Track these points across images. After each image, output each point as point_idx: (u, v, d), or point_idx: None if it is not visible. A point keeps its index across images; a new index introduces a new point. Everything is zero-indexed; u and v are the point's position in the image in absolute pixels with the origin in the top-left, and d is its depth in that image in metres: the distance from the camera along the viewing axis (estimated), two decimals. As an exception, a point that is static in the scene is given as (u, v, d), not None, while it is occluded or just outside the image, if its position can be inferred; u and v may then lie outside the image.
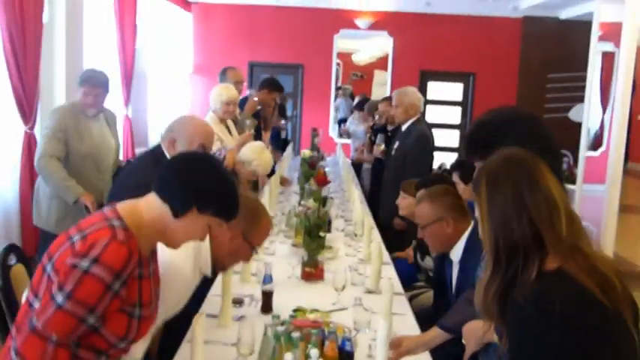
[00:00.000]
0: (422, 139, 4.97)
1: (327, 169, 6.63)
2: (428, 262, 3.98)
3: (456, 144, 11.81)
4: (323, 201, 3.31)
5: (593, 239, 8.31)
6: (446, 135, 11.47)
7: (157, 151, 3.08)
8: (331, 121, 12.11)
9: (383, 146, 5.69)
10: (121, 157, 8.03)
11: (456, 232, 2.95)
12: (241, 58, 11.75)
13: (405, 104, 5.05)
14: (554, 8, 11.32)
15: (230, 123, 5.10)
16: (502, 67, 11.83)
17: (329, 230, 4.00)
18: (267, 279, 2.81)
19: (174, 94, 10.98)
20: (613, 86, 11.67)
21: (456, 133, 12.04)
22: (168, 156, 2.98)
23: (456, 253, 2.96)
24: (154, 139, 10.16)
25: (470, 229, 2.94)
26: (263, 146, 4.57)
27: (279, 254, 3.71)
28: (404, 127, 5.13)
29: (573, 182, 10.77)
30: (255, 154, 4.28)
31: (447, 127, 11.82)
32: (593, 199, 7.96)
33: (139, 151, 8.92)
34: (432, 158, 5.23)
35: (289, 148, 8.00)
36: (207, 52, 11.82)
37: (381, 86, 12.49)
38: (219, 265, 2.39)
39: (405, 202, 4.04)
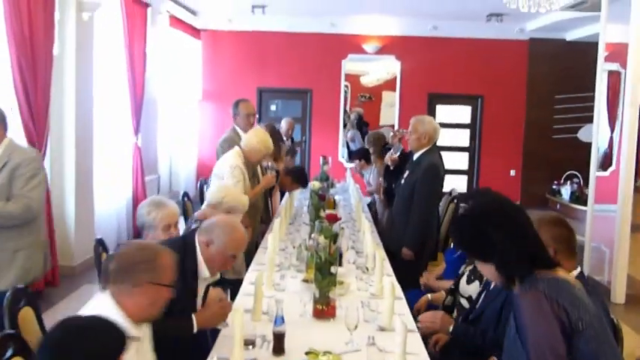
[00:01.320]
0: (431, 169, 4.89)
1: (336, 197, 6.62)
2: (470, 288, 3.76)
3: (465, 167, 11.76)
4: (334, 238, 3.23)
5: (606, 261, 8.22)
6: (455, 158, 11.42)
7: (189, 241, 3.05)
8: (340, 145, 12.08)
9: (396, 155, 5.58)
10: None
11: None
12: (250, 84, 11.82)
13: (419, 132, 4.99)
14: (560, 30, 11.34)
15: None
16: (510, 89, 11.83)
17: (340, 264, 3.92)
18: (279, 320, 2.74)
19: (183, 121, 10.99)
20: (620, 105, 11.69)
21: (465, 155, 11.98)
22: (199, 251, 3.02)
23: None
24: (163, 167, 10.17)
25: (576, 273, 2.72)
26: (226, 183, 4.55)
27: (290, 290, 3.64)
28: (415, 156, 5.07)
29: (583, 203, 10.73)
30: (222, 192, 4.23)
31: (456, 149, 11.76)
32: (604, 219, 7.85)
33: (149, 179, 8.92)
34: (441, 189, 5.16)
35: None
36: (216, 78, 11.86)
37: (390, 107, 12.49)
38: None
39: None
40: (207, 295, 3.12)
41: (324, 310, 3.19)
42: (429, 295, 4.03)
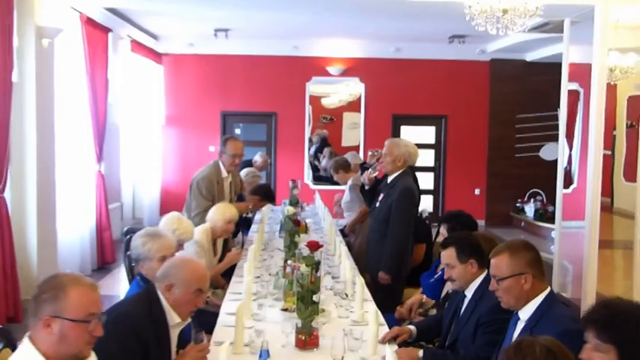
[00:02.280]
0: (406, 193, 4.86)
1: (307, 221, 6.53)
2: None
3: (430, 186, 11.80)
4: (316, 266, 3.16)
5: (570, 277, 8.31)
6: (421, 178, 11.37)
7: (152, 292, 2.90)
8: (306, 168, 12.03)
9: (374, 175, 5.51)
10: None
11: (533, 291, 2.82)
12: (213, 107, 11.74)
13: (393, 155, 4.97)
14: (520, 51, 11.55)
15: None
16: (473, 109, 11.97)
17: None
18: (264, 354, 2.65)
19: (146, 147, 10.81)
20: (577, 123, 11.94)
21: (430, 175, 12.03)
22: (163, 300, 2.85)
23: (526, 312, 2.83)
24: (126, 195, 9.96)
25: (547, 292, 2.85)
26: (176, 215, 4.40)
27: (270, 319, 3.53)
28: (390, 179, 5.04)
29: (547, 220, 10.87)
30: (174, 224, 4.14)
31: (422, 169, 11.78)
32: (569, 236, 7.93)
33: (112, 207, 8.71)
34: (415, 212, 5.14)
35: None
36: (179, 103, 11.75)
37: (351, 129, 12.51)
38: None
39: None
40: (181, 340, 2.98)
41: (307, 340, 3.10)
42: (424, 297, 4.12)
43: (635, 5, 7.66)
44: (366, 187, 5.44)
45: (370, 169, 5.27)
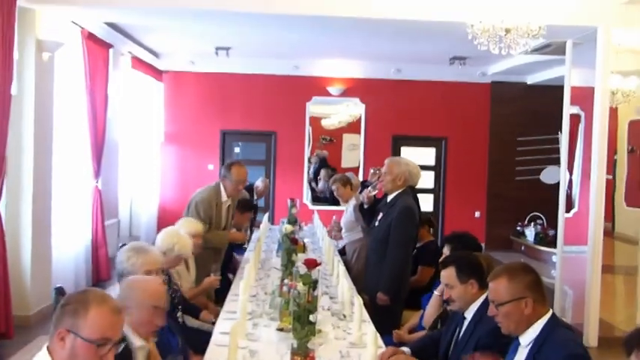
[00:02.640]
0: (406, 212, 4.78)
1: (306, 240, 6.44)
2: None
3: (430, 208, 11.71)
4: (313, 284, 3.07)
5: (570, 302, 8.19)
6: (420, 199, 11.30)
7: None
8: (305, 188, 11.96)
9: (373, 194, 5.41)
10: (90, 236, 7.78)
11: (534, 315, 2.71)
12: (213, 126, 11.69)
13: (393, 174, 4.90)
14: (521, 74, 11.55)
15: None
16: (473, 131, 11.93)
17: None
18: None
19: (145, 164, 10.75)
20: (578, 147, 11.89)
21: (430, 197, 11.95)
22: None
23: (527, 338, 2.73)
24: (124, 211, 9.89)
25: (548, 316, 2.73)
26: (176, 229, 4.37)
27: (265, 340, 3.43)
28: (389, 198, 4.96)
29: (548, 244, 10.77)
30: (173, 238, 4.11)
31: (421, 191, 11.69)
32: (569, 260, 7.82)
33: (109, 223, 8.63)
34: (416, 232, 5.05)
35: (265, 218, 7.75)
36: (179, 120, 11.71)
37: (351, 150, 12.46)
38: None
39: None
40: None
41: (303, 362, 3.00)
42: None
43: (637, 28, 7.67)
44: (365, 206, 5.36)
45: (370, 188, 5.20)
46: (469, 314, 3.28)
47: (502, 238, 11.72)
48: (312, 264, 3.33)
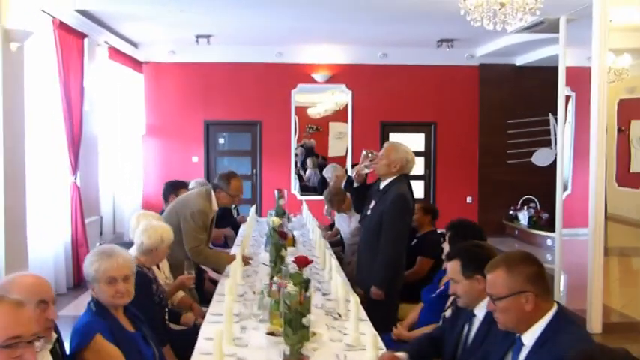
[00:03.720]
0: (400, 200, 4.48)
1: (295, 233, 6.12)
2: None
3: (421, 195, 11.43)
4: (305, 284, 2.76)
5: (565, 287, 7.96)
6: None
7: None
8: (292, 178, 11.66)
9: (365, 171, 5.01)
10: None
11: (536, 311, 2.44)
12: (196, 117, 11.39)
13: (390, 158, 4.60)
14: (510, 55, 11.29)
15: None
16: (462, 115, 11.69)
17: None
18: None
19: (126, 158, 10.38)
20: (569, 128, 11.65)
21: (421, 184, 11.68)
22: None
23: (530, 336, 2.44)
24: (106, 207, 9.54)
25: (553, 311, 2.44)
26: (155, 221, 4.07)
27: (254, 345, 3.10)
28: (382, 185, 4.66)
29: (542, 228, 10.55)
30: (157, 231, 3.90)
31: (411, 178, 11.39)
32: (566, 243, 7.58)
33: (90, 221, 8.30)
34: (410, 221, 4.75)
35: (252, 211, 7.42)
36: (160, 112, 11.37)
37: (337, 139, 12.19)
38: None
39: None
40: None
41: (296, 369, 2.69)
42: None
43: (629, 6, 7.40)
44: (355, 185, 5.02)
45: (363, 165, 4.84)
46: (480, 312, 2.96)
47: (495, 223, 11.45)
48: (302, 262, 3.01)
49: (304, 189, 12.00)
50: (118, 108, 9.82)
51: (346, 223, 6.47)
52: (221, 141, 11.80)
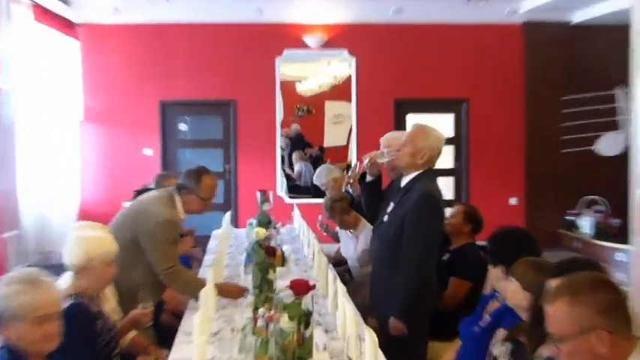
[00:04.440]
0: (428, 200, 4.42)
1: (284, 248, 6.01)
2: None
3: (450, 195, 11.41)
4: (305, 319, 2.63)
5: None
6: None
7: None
8: (278, 175, 11.62)
9: (382, 160, 4.92)
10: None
11: (615, 355, 2.37)
12: (149, 96, 11.48)
13: (417, 146, 4.54)
14: (564, 10, 11.35)
15: None
16: (502, 89, 11.77)
17: (307, 352, 3.32)
18: None
19: (57, 152, 10.31)
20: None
21: (450, 180, 11.71)
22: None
23: None
24: (28, 219, 9.42)
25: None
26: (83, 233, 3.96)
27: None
28: (404, 182, 4.58)
29: (610, 238, 10.47)
30: (88, 244, 3.81)
31: (437, 173, 11.40)
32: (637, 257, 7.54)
33: (7, 237, 8.22)
34: (441, 227, 4.69)
35: (226, 219, 7.36)
36: (103, 90, 11.41)
37: (335, 123, 12.11)
38: None
39: (511, 287, 3.44)
40: None
41: None
42: None
43: None
44: (368, 178, 4.95)
45: (379, 152, 4.79)
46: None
47: (547, 232, 11.40)
48: (302, 288, 2.88)
49: (294, 189, 11.93)
50: (45, 85, 9.78)
51: (352, 245, 6.38)
52: (182, 127, 11.84)
